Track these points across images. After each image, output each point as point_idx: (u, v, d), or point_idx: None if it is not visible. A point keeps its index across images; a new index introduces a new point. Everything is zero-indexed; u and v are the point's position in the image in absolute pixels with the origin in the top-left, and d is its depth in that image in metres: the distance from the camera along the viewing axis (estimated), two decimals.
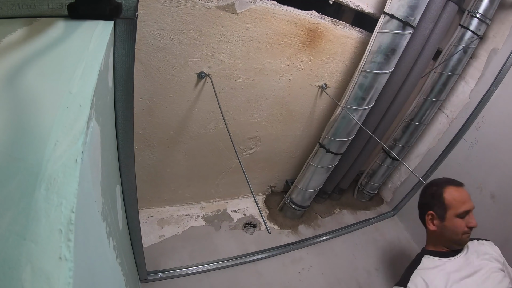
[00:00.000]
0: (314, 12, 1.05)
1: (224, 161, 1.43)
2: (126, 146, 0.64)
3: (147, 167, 1.24)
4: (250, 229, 1.54)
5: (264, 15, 0.97)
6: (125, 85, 0.54)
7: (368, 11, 1.12)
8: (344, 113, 1.25)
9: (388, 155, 1.78)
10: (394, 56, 1.11)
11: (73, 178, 0.26)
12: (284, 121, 1.40)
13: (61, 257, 0.22)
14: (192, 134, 1.22)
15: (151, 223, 1.37)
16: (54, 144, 0.28)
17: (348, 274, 1.50)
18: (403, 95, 1.42)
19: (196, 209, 1.53)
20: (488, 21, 1.30)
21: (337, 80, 1.33)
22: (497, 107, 1.40)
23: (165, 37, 0.89)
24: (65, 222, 0.24)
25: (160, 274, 1.17)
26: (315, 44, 1.14)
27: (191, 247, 1.33)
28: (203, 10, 0.88)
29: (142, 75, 0.94)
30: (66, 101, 0.32)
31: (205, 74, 1.03)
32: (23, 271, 0.21)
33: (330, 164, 1.45)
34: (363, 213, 1.95)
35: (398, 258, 1.71)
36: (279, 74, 1.17)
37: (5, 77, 0.32)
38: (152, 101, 1.03)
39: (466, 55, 1.37)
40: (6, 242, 0.22)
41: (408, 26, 1.04)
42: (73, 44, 0.40)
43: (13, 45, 0.36)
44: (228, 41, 0.98)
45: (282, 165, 1.66)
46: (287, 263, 1.44)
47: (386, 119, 1.50)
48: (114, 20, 0.46)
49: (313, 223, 1.71)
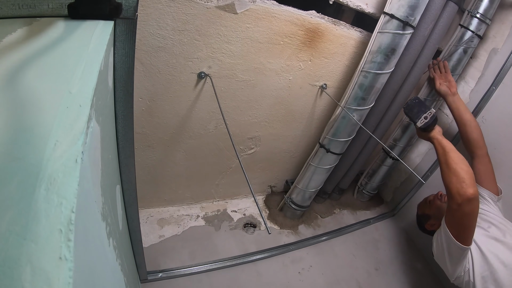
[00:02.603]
0: (314, 12, 1.05)
1: (224, 161, 1.43)
2: (126, 146, 0.64)
3: (147, 167, 1.24)
4: (250, 229, 1.54)
5: (264, 15, 0.97)
6: (125, 85, 0.54)
7: (368, 11, 1.12)
8: (344, 113, 1.25)
9: (388, 155, 1.78)
10: (394, 56, 1.11)
11: (73, 178, 0.26)
12: (284, 121, 1.40)
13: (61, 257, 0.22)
14: (192, 134, 1.22)
15: (151, 223, 1.37)
16: (54, 144, 0.28)
17: (348, 274, 1.50)
18: (403, 95, 1.42)
19: (196, 209, 1.53)
20: (488, 21, 1.30)
21: (337, 80, 1.33)
22: (497, 107, 1.40)
23: (165, 37, 0.89)
24: (65, 222, 0.24)
25: (160, 274, 1.17)
26: (315, 44, 1.14)
27: (191, 247, 1.33)
28: (203, 10, 0.88)
29: (142, 75, 0.94)
30: (66, 101, 0.32)
31: (205, 74, 1.03)
32: (23, 271, 0.21)
33: (330, 164, 1.45)
34: (363, 213, 1.95)
35: (398, 258, 1.71)
36: (279, 74, 1.17)
37: (5, 77, 0.32)
38: (152, 101, 1.03)
39: (466, 55, 1.37)
40: (6, 242, 0.22)
41: (408, 26, 1.04)
42: (73, 44, 0.40)
43: (13, 45, 0.36)
44: (228, 41, 0.98)
45: (282, 165, 1.66)
46: (287, 263, 1.44)
47: (386, 119, 1.50)
48: (114, 20, 0.46)
49: (313, 223, 1.71)
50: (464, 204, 0.90)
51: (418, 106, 1.17)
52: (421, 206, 1.35)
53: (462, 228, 0.95)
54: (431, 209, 1.24)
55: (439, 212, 1.20)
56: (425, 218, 1.27)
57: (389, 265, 1.64)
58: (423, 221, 1.28)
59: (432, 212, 1.23)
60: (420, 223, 1.33)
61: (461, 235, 0.95)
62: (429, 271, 1.67)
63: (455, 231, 0.96)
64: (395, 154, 1.66)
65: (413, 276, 1.62)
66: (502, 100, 1.38)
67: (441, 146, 1.06)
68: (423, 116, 1.13)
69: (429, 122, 1.11)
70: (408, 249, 1.78)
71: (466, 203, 0.90)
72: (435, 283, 1.62)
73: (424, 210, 1.30)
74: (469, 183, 0.91)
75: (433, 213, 1.22)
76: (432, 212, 1.24)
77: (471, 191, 0.89)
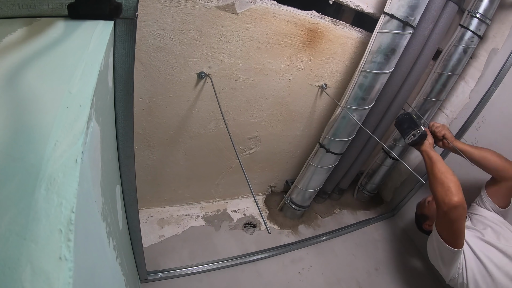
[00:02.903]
0: (314, 12, 1.05)
1: (224, 161, 1.43)
2: (126, 146, 0.64)
3: (147, 167, 1.24)
4: (250, 229, 1.54)
5: (264, 15, 0.97)
6: (125, 85, 0.54)
7: (368, 11, 1.12)
8: (344, 113, 1.25)
9: (388, 155, 1.78)
10: (394, 56, 1.11)
11: (73, 178, 0.26)
12: (284, 121, 1.40)
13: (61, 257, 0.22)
14: (192, 134, 1.22)
15: (151, 223, 1.37)
16: (54, 144, 0.28)
17: (348, 274, 1.50)
18: (403, 95, 1.42)
19: (196, 209, 1.53)
20: (488, 21, 1.30)
21: (337, 80, 1.33)
22: (497, 107, 1.40)
23: (165, 37, 0.89)
24: (65, 222, 0.24)
25: (160, 274, 1.17)
26: (315, 44, 1.14)
27: (191, 247, 1.33)
28: (203, 10, 0.88)
29: (142, 75, 0.94)
30: (66, 101, 0.32)
31: (205, 74, 1.03)
32: (23, 271, 0.21)
33: (330, 164, 1.45)
34: (363, 213, 1.95)
35: (398, 258, 1.71)
36: (279, 74, 1.17)
37: (5, 77, 0.32)
38: (152, 101, 1.03)
39: (466, 55, 1.37)
40: (6, 242, 0.22)
41: (408, 26, 1.04)
42: (73, 44, 0.40)
43: (13, 45, 0.36)
44: (228, 41, 0.98)
45: (282, 165, 1.66)
46: (287, 263, 1.44)
47: (386, 119, 1.50)
48: (114, 20, 0.46)
49: (313, 223, 1.71)
50: (450, 211, 0.93)
51: (408, 123, 1.19)
52: (420, 206, 1.36)
53: (451, 233, 0.98)
54: (429, 210, 1.26)
55: (435, 213, 1.20)
56: (423, 218, 1.29)
57: (389, 265, 1.64)
58: (421, 221, 1.30)
59: (430, 213, 1.24)
60: (418, 223, 1.34)
61: (451, 239, 0.99)
62: (429, 271, 1.67)
63: (445, 235, 1.00)
64: (395, 154, 1.66)
65: (413, 276, 1.62)
66: (502, 100, 1.38)
67: (428, 157, 1.09)
68: (412, 133, 1.17)
69: (416, 140, 1.16)
70: (408, 249, 1.78)
71: (452, 210, 0.93)
72: (435, 283, 1.62)
73: (422, 210, 1.31)
74: (454, 191, 0.94)
75: (431, 214, 1.24)
76: (430, 213, 1.25)
77: (455, 199, 0.92)
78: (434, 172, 1.02)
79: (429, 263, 1.70)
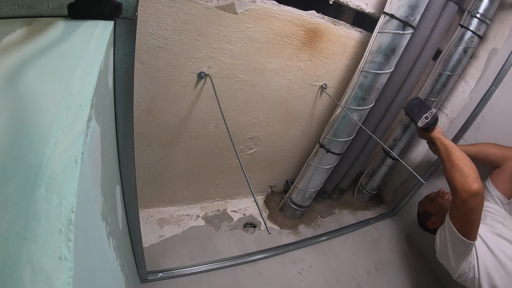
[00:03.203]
0: (314, 12, 1.05)
1: (224, 161, 1.43)
2: (126, 146, 0.64)
3: (147, 167, 1.24)
4: (250, 229, 1.54)
5: (264, 15, 0.97)
6: (125, 85, 0.54)
7: (368, 11, 1.12)
8: (344, 113, 1.25)
9: (388, 155, 1.78)
10: (394, 56, 1.11)
11: (73, 178, 0.26)
12: (284, 121, 1.40)
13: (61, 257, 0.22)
14: (192, 134, 1.22)
15: (151, 223, 1.37)
16: (54, 144, 0.28)
17: (348, 274, 1.50)
18: (403, 95, 1.42)
19: (196, 209, 1.53)
20: (488, 21, 1.30)
21: (337, 80, 1.33)
22: (497, 107, 1.40)
23: (165, 37, 0.89)
24: (65, 222, 0.24)
25: (160, 274, 1.17)
26: (315, 44, 1.14)
27: (191, 247, 1.33)
28: (203, 10, 0.88)
29: (142, 75, 0.94)
30: (66, 101, 0.32)
31: (205, 74, 1.03)
32: (23, 271, 0.21)
33: (330, 164, 1.45)
34: (363, 213, 1.95)
35: (398, 258, 1.71)
36: (279, 74, 1.17)
37: (5, 77, 0.32)
38: (152, 101, 1.03)
39: (466, 55, 1.37)
40: (6, 242, 0.22)
41: (408, 26, 1.04)
42: (73, 44, 0.40)
43: (13, 45, 0.36)
44: (228, 41, 0.98)
45: (282, 165, 1.66)
46: (287, 263, 1.44)
47: (386, 119, 1.50)
48: (114, 20, 0.46)
49: (313, 223, 1.71)
50: (469, 199, 0.91)
51: (419, 106, 1.17)
52: (423, 204, 1.34)
53: (467, 223, 0.96)
54: (433, 206, 1.24)
55: (441, 209, 1.19)
56: (427, 215, 1.26)
57: (389, 265, 1.64)
58: (425, 219, 1.27)
59: (435, 210, 1.22)
60: (421, 221, 1.32)
61: (466, 230, 0.96)
62: (429, 271, 1.67)
63: (460, 226, 0.97)
64: (395, 154, 1.66)
65: (413, 276, 1.62)
66: (502, 100, 1.38)
67: (443, 144, 1.07)
68: (424, 116, 1.13)
69: (430, 122, 1.12)
70: (408, 249, 1.78)
71: (471, 198, 0.90)
72: (435, 283, 1.62)
73: (426, 207, 1.29)
74: (473, 178, 0.91)
75: (436, 210, 1.22)
76: (434, 210, 1.23)
77: (476, 186, 0.90)
78: (452, 159, 0.99)
79: (429, 263, 1.70)
